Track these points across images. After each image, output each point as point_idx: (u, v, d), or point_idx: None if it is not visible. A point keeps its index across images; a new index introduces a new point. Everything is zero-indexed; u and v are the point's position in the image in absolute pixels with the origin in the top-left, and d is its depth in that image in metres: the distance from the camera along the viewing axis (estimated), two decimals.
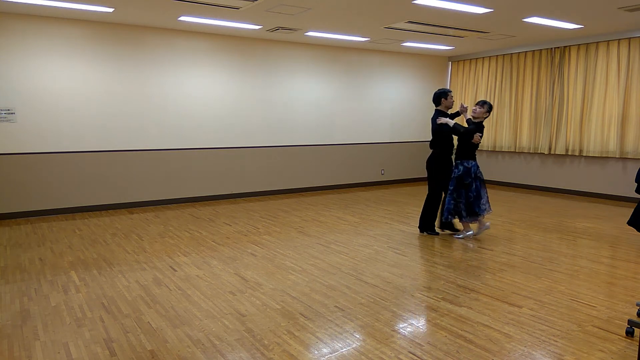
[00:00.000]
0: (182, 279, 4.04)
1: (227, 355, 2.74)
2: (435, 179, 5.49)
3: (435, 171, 5.49)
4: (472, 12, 5.98)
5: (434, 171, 5.49)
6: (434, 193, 5.52)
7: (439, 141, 5.43)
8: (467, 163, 5.24)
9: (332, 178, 9.11)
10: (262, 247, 5.05)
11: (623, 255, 4.78)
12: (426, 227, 5.62)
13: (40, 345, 2.87)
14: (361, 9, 5.92)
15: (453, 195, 5.28)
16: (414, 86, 9.97)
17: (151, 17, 6.41)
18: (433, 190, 5.52)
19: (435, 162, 5.47)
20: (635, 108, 7.48)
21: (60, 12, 6.07)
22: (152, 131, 7.23)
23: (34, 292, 3.74)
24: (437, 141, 5.45)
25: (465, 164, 5.24)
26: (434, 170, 5.49)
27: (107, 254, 4.79)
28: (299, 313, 3.32)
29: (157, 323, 3.17)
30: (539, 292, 3.75)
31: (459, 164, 5.27)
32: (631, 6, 5.77)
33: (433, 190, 5.52)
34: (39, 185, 6.50)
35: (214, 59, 7.63)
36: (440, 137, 5.40)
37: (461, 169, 5.24)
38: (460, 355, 2.73)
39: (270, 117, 8.29)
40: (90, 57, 6.67)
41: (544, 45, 8.51)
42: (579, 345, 2.87)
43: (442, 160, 5.46)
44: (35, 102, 6.37)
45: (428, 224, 5.61)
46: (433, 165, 5.49)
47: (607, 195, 7.95)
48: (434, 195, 5.52)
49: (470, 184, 5.22)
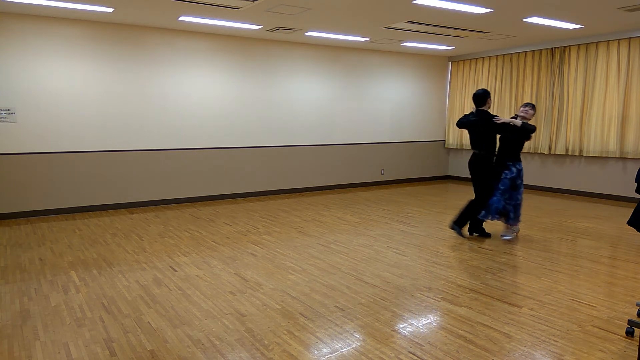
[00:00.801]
0: (182, 279, 4.04)
1: (227, 355, 2.74)
2: (485, 181, 5.30)
3: (485, 173, 5.30)
4: (472, 12, 5.98)
5: (484, 173, 5.30)
6: (482, 195, 5.32)
7: (487, 142, 5.26)
8: (519, 165, 5.23)
9: (332, 178, 9.11)
10: (262, 247, 5.05)
11: (623, 255, 4.78)
12: (475, 228, 5.49)
13: (40, 345, 2.86)
14: (361, 9, 5.92)
15: (505, 195, 5.20)
16: (414, 86, 9.97)
17: (151, 17, 6.41)
18: (482, 193, 5.32)
19: (484, 164, 5.29)
20: (635, 108, 7.48)
21: (60, 12, 6.07)
22: (152, 131, 7.23)
23: (34, 292, 3.74)
24: (485, 142, 5.26)
25: (517, 166, 5.22)
26: (484, 172, 5.30)
27: (107, 254, 4.79)
28: (299, 313, 3.32)
29: (157, 323, 3.17)
30: (539, 292, 3.75)
31: (512, 165, 5.21)
32: (631, 6, 5.77)
33: (482, 193, 5.32)
34: (39, 185, 6.50)
35: (214, 59, 7.63)
36: (488, 138, 5.24)
37: (514, 171, 5.19)
38: (460, 355, 2.73)
39: (270, 117, 8.29)
40: (90, 57, 6.67)
41: (544, 45, 8.52)
42: (579, 345, 2.87)
43: (489, 161, 5.31)
44: (35, 102, 6.37)
45: (476, 226, 5.49)
46: (482, 168, 5.30)
47: (607, 195, 7.95)
48: (483, 198, 5.32)
49: (520, 186, 5.22)
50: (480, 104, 5.30)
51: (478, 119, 5.27)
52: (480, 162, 5.31)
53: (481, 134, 5.26)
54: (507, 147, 5.27)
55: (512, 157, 5.24)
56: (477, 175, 5.37)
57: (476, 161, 5.35)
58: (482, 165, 5.31)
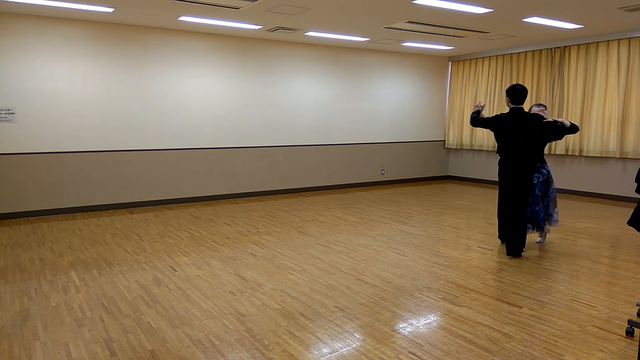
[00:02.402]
0: (182, 279, 4.03)
1: (227, 355, 2.74)
2: (529, 189, 4.69)
3: (530, 180, 4.70)
4: (472, 12, 5.98)
5: (529, 180, 4.69)
6: (524, 206, 4.67)
7: (532, 147, 4.62)
8: (546, 166, 4.95)
9: (332, 178, 9.11)
10: (262, 247, 5.05)
11: (623, 255, 4.78)
12: (521, 247, 4.74)
13: (40, 345, 2.86)
14: (361, 9, 5.92)
15: (544, 201, 4.91)
16: (414, 86, 9.97)
17: (151, 17, 6.41)
18: (524, 204, 4.66)
19: (530, 170, 4.66)
20: (635, 108, 7.48)
21: (60, 12, 6.07)
22: (152, 131, 7.23)
23: (34, 292, 3.74)
24: (531, 145, 4.60)
25: (546, 167, 4.94)
26: (529, 179, 4.68)
27: (107, 254, 4.79)
28: (299, 313, 3.32)
29: (157, 323, 3.17)
30: (539, 292, 3.75)
31: (540, 167, 4.88)
32: (631, 6, 5.77)
33: (524, 204, 4.66)
34: (39, 185, 6.50)
35: (214, 58, 7.63)
36: (532, 140, 4.61)
37: (545, 172, 4.89)
38: (460, 355, 2.73)
39: (270, 117, 8.29)
40: (90, 57, 6.67)
41: (544, 45, 8.52)
42: (579, 345, 2.87)
43: (534, 167, 4.80)
44: (35, 102, 6.37)
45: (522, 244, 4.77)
46: (528, 174, 4.64)
47: (607, 195, 7.95)
48: (525, 209, 4.68)
49: (551, 187, 4.96)
50: (521, 100, 4.59)
51: (521, 118, 4.55)
52: (530, 171, 4.65)
53: (524, 136, 4.54)
54: (542, 148, 4.90)
55: (542, 158, 4.90)
56: (524, 185, 4.62)
57: (526, 170, 4.60)
58: (529, 172, 4.64)
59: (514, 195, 4.65)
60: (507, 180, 4.69)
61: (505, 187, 4.74)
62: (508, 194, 4.71)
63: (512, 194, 4.67)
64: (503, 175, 4.73)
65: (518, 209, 4.64)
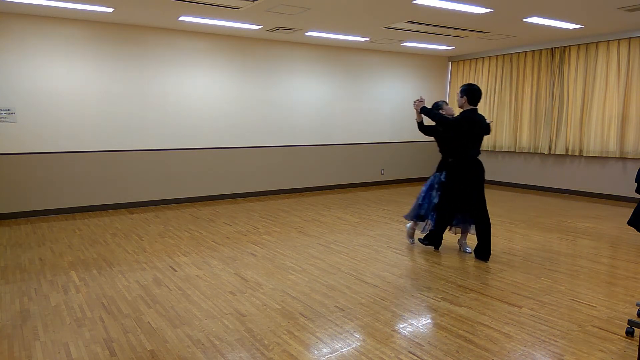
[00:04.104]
0: (182, 279, 4.03)
1: (227, 355, 2.74)
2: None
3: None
4: (472, 12, 5.98)
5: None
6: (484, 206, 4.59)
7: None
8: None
9: (332, 178, 9.11)
10: (262, 247, 5.05)
11: (623, 255, 4.78)
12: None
13: (40, 345, 2.86)
14: (361, 9, 5.92)
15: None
16: (414, 86, 9.96)
17: (151, 17, 6.41)
18: (483, 204, 4.57)
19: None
20: (635, 108, 7.48)
21: (60, 12, 6.07)
22: (152, 131, 7.23)
23: (34, 292, 3.74)
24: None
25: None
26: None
27: (107, 254, 4.79)
28: (299, 313, 3.32)
29: (157, 323, 3.17)
30: (539, 292, 3.75)
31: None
32: (631, 6, 5.77)
33: (483, 204, 4.57)
34: (39, 185, 6.50)
35: (214, 59, 7.63)
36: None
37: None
38: (460, 355, 2.73)
39: (270, 117, 8.29)
40: (90, 57, 6.67)
41: (544, 45, 8.52)
42: (579, 345, 2.87)
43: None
44: (35, 102, 6.37)
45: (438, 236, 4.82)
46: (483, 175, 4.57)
47: (607, 195, 7.95)
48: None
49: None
50: (478, 101, 4.52)
51: (482, 118, 4.54)
52: (482, 168, 4.59)
53: (480, 136, 4.58)
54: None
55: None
56: (481, 187, 4.56)
57: (482, 170, 4.55)
58: (483, 173, 4.58)
59: (479, 197, 4.51)
60: (478, 182, 4.51)
61: (466, 189, 4.55)
62: (468, 195, 4.54)
63: (472, 195, 4.52)
64: (478, 177, 4.52)
65: (482, 210, 4.52)
